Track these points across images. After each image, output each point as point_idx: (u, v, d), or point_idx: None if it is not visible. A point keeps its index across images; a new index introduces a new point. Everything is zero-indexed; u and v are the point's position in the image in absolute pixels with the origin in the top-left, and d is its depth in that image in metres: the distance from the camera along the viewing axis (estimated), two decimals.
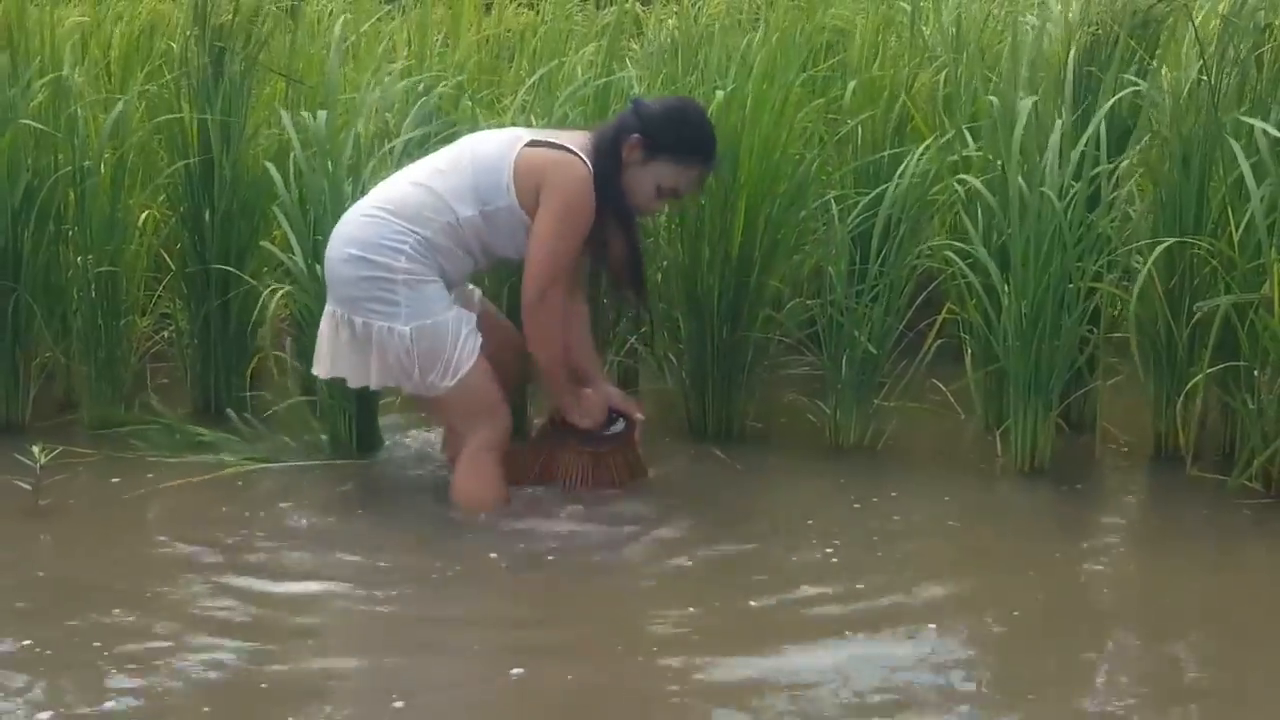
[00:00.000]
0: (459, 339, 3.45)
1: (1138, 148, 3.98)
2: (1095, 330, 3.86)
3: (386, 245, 3.44)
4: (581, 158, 3.47)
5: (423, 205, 3.48)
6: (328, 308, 3.55)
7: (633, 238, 3.57)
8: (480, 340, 3.49)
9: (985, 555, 3.40)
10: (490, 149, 3.52)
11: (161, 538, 3.42)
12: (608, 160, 3.48)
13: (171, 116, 4.10)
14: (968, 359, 4.08)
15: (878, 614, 3.03)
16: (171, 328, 4.35)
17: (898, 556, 3.35)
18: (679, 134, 3.53)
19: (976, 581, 3.24)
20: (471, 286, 3.75)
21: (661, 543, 3.44)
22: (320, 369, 3.60)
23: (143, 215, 4.19)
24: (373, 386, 3.57)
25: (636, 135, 3.50)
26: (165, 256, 4.29)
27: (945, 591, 3.17)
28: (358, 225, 3.49)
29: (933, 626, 2.97)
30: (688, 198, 3.72)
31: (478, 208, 3.48)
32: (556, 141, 3.50)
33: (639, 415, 3.70)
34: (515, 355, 3.68)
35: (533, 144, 3.49)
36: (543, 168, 3.46)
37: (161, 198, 4.24)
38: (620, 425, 3.69)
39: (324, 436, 3.90)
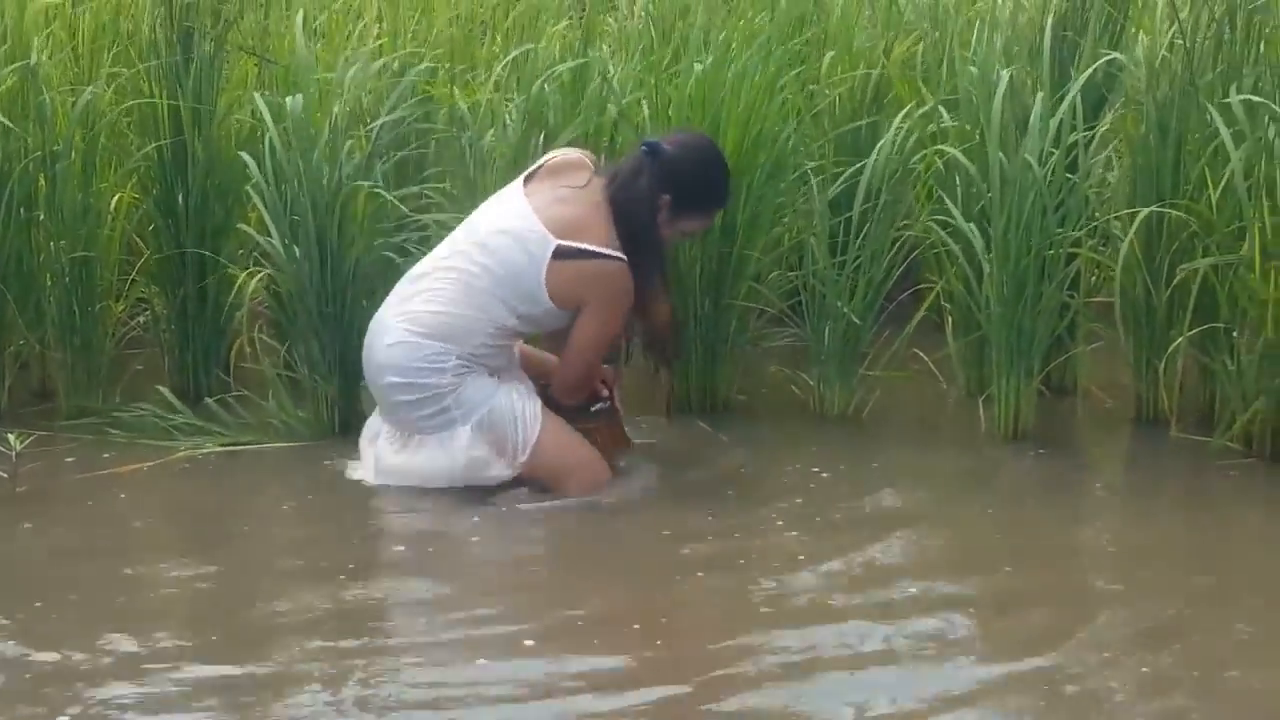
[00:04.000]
0: (516, 414, 3.43)
1: (1110, 114, 4.01)
2: (1075, 295, 3.88)
3: (427, 367, 3.41)
4: (614, 256, 3.39)
5: (454, 328, 3.42)
6: (381, 424, 3.53)
7: (671, 299, 3.57)
8: (539, 402, 3.47)
9: (971, 521, 3.41)
10: (509, 257, 3.40)
11: (140, 522, 3.42)
12: (649, 224, 3.43)
13: (142, 100, 4.04)
14: (948, 328, 4.09)
15: (863, 582, 3.04)
16: (148, 313, 4.29)
17: (884, 524, 3.37)
18: (707, 194, 3.55)
19: (962, 546, 3.27)
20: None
21: (645, 515, 3.45)
22: (367, 475, 3.55)
23: (114, 199, 4.13)
24: (461, 484, 3.48)
25: (667, 196, 3.45)
26: (139, 241, 4.23)
27: (931, 558, 3.20)
28: (387, 352, 3.44)
29: (914, 591, 2.99)
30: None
31: (514, 314, 3.44)
32: (587, 248, 3.39)
33: (613, 393, 3.69)
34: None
35: (559, 253, 3.38)
36: (581, 285, 3.39)
37: (133, 181, 4.18)
38: (605, 401, 3.69)
39: (296, 418, 3.86)
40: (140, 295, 4.29)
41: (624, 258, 3.41)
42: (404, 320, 3.44)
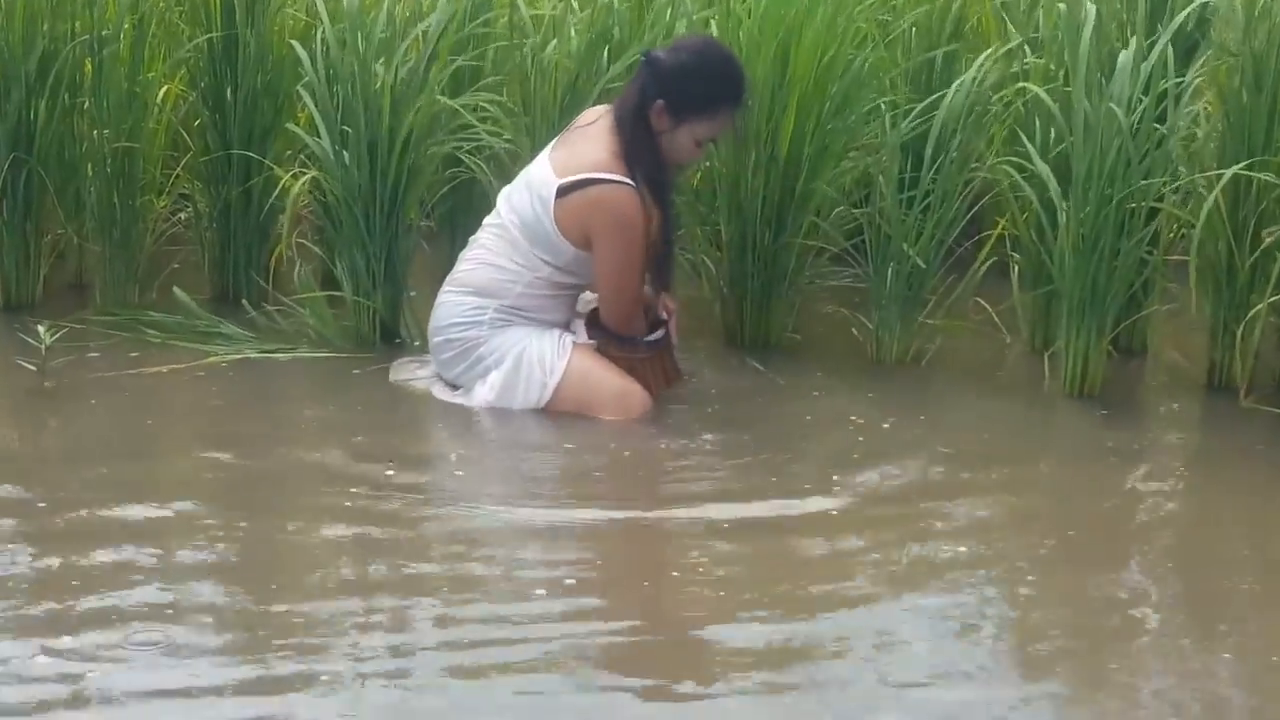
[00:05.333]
0: (544, 351, 3.42)
1: (1201, 63, 3.81)
2: (1153, 252, 3.72)
3: (464, 321, 3.46)
4: (612, 179, 3.32)
5: (491, 280, 3.45)
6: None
7: (668, 216, 3.46)
8: (569, 338, 3.45)
9: (1031, 477, 3.31)
10: (526, 209, 3.41)
11: (160, 426, 3.37)
12: (639, 134, 3.35)
13: None
14: (1014, 278, 3.94)
15: (915, 535, 2.94)
16: (189, 210, 4.18)
17: (936, 481, 3.24)
18: (704, 91, 3.39)
19: (1019, 503, 3.15)
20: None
21: (693, 453, 3.34)
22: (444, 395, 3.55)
23: (162, 91, 4.01)
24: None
25: (660, 101, 3.35)
26: (185, 135, 4.11)
27: (987, 513, 3.09)
28: (433, 314, 3.53)
29: (964, 551, 2.88)
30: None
31: (549, 266, 3.42)
32: (584, 177, 3.33)
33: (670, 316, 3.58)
34: None
35: (560, 192, 3.35)
36: (583, 216, 3.35)
37: (182, 73, 4.06)
38: (659, 332, 3.56)
39: (335, 328, 3.77)
40: (183, 191, 4.18)
41: (622, 179, 3.33)
42: (450, 282, 3.52)
